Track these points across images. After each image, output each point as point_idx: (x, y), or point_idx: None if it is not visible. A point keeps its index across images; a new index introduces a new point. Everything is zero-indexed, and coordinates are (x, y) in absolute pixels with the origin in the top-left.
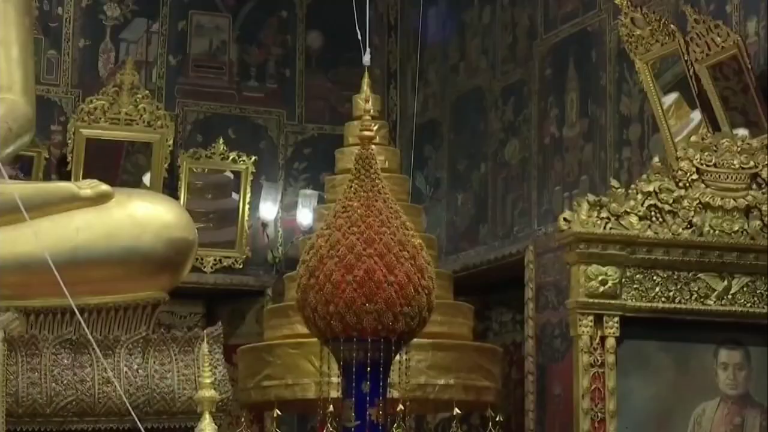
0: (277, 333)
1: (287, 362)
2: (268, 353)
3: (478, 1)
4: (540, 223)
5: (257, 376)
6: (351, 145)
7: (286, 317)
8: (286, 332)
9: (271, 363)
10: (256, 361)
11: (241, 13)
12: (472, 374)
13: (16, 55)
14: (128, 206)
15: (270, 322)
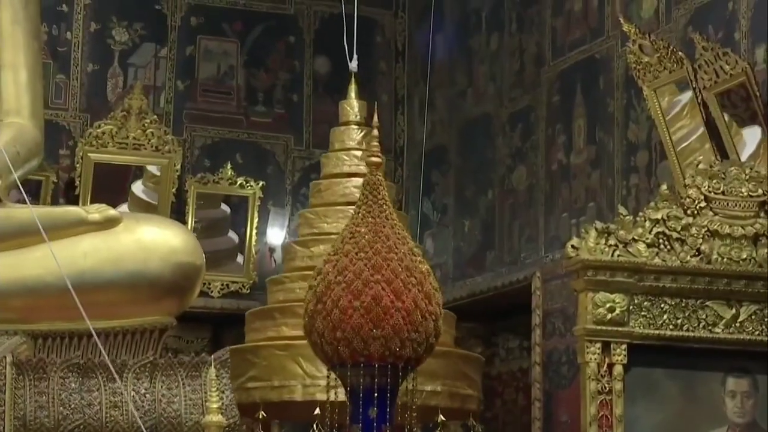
0: (261, 335)
1: (273, 364)
2: (254, 355)
3: (486, 28)
4: (547, 250)
5: (241, 378)
6: (336, 150)
7: (271, 319)
8: (271, 334)
9: (257, 364)
10: (241, 362)
11: (249, 38)
12: (457, 382)
13: (25, 79)
14: (136, 231)
15: (253, 324)
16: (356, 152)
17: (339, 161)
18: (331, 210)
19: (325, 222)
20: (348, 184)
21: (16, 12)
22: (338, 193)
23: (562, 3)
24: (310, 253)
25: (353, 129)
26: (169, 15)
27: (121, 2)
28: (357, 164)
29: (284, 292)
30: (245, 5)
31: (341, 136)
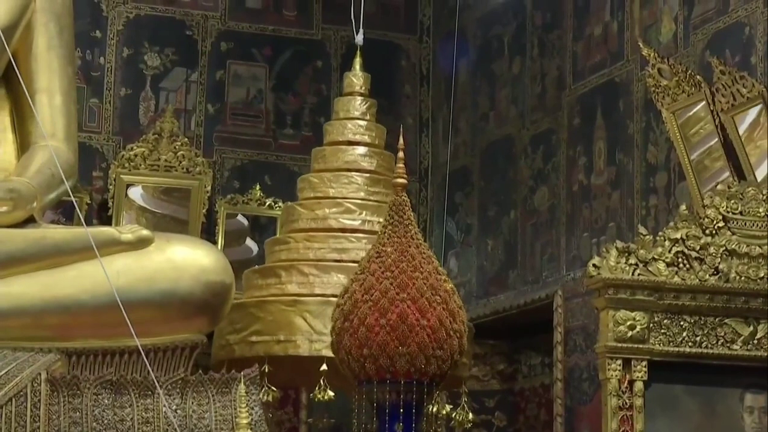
0: (264, 292)
1: (279, 319)
2: (259, 309)
3: (508, 52)
4: (568, 269)
5: (243, 332)
6: (341, 119)
7: (275, 277)
8: (275, 291)
9: (262, 319)
10: (244, 316)
11: (278, 63)
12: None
13: (59, 103)
14: (167, 251)
15: (254, 281)
16: (359, 121)
17: (343, 129)
18: (336, 175)
19: (331, 187)
20: (353, 152)
21: (51, 38)
22: (342, 159)
23: (582, 28)
24: (314, 216)
25: (357, 99)
26: (200, 40)
27: (153, 28)
28: (362, 133)
29: (287, 252)
30: (274, 31)
31: (346, 105)
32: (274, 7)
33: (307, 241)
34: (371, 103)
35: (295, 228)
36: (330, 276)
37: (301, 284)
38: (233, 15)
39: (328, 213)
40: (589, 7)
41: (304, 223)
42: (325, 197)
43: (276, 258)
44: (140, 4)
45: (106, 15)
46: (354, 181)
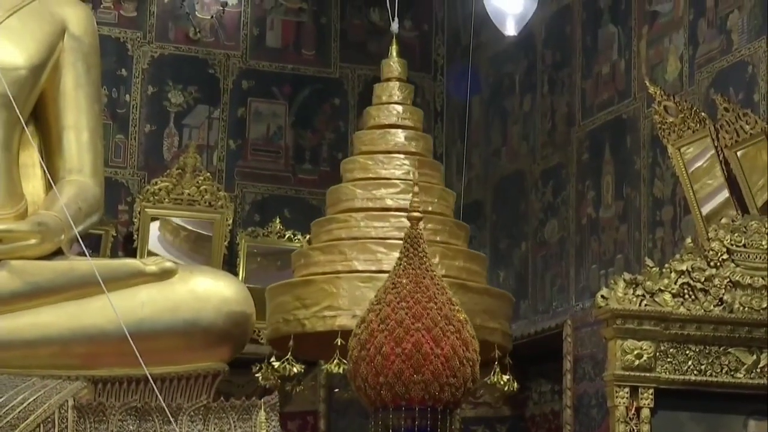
0: (327, 268)
1: (354, 294)
2: (332, 285)
3: (520, 90)
4: (577, 299)
5: (314, 307)
6: (383, 103)
7: (341, 254)
8: (341, 268)
9: (335, 294)
10: (315, 292)
11: (297, 100)
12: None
13: (87, 139)
14: (190, 282)
15: (313, 258)
16: (397, 106)
17: (388, 113)
18: (388, 157)
19: (383, 168)
20: (399, 133)
21: (78, 77)
22: (390, 141)
23: (591, 66)
24: (371, 195)
25: (395, 84)
26: (222, 78)
27: (177, 67)
28: (402, 117)
29: (347, 230)
30: (293, 69)
31: (386, 90)
32: (293, 47)
33: (368, 219)
34: (410, 88)
35: (350, 207)
36: (396, 254)
37: (368, 261)
38: (254, 54)
39: (385, 193)
40: (597, 47)
41: (361, 203)
42: (379, 177)
43: (334, 236)
44: (164, 43)
45: (132, 54)
46: (404, 162)
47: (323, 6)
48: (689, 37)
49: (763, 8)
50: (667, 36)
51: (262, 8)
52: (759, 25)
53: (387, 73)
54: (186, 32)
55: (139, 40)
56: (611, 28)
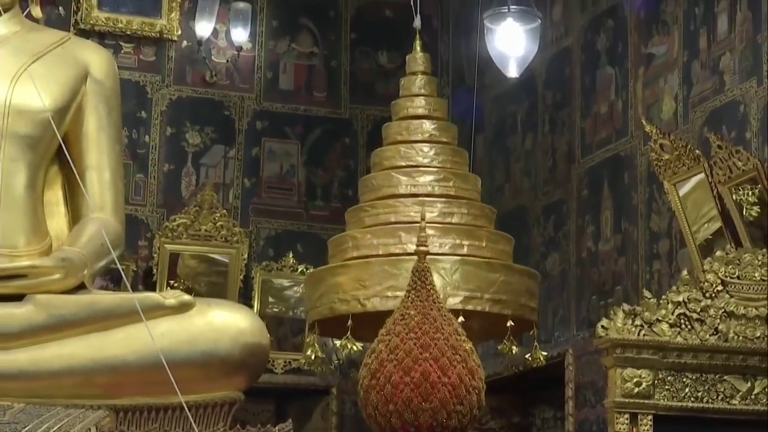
0: (381, 251)
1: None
2: (393, 266)
3: (522, 129)
4: (578, 329)
5: (375, 287)
6: (410, 95)
7: (395, 237)
8: (396, 251)
9: (397, 275)
10: (375, 273)
11: (309, 139)
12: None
13: (108, 178)
14: (207, 314)
15: (362, 241)
16: (421, 99)
17: (413, 104)
18: (423, 146)
19: (420, 156)
20: (427, 124)
21: (100, 119)
22: (421, 131)
23: (590, 106)
24: (414, 182)
25: (420, 77)
26: (237, 120)
27: (194, 109)
28: (426, 108)
29: (395, 215)
30: (305, 110)
31: (412, 83)
32: (305, 89)
33: (416, 205)
34: (434, 81)
35: (394, 193)
36: (447, 238)
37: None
38: (268, 96)
39: (428, 180)
40: (595, 87)
41: (404, 189)
42: (419, 165)
43: (382, 220)
44: (182, 86)
45: (151, 97)
46: (439, 151)
47: (334, 50)
48: (683, 78)
49: (754, 50)
50: (662, 77)
51: (275, 53)
52: (750, 66)
53: (412, 67)
54: (203, 76)
55: (158, 83)
56: (609, 69)
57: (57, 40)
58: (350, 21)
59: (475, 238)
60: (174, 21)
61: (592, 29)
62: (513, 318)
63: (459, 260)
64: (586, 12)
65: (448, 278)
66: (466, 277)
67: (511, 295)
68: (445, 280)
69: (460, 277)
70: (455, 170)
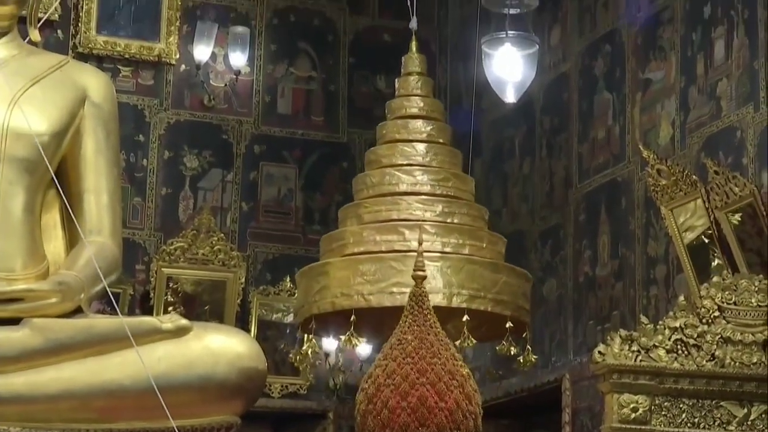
0: (383, 248)
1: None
2: (400, 263)
3: (519, 154)
4: (575, 354)
5: (381, 283)
6: (405, 95)
7: (396, 234)
8: (399, 247)
9: (404, 272)
10: (381, 269)
11: (307, 164)
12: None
13: (106, 202)
14: (205, 339)
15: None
16: (416, 98)
17: (410, 103)
18: (421, 145)
19: (419, 155)
20: (423, 124)
21: (98, 142)
22: (418, 131)
23: (587, 131)
24: (415, 180)
25: (415, 77)
26: (235, 144)
27: (192, 132)
28: (421, 107)
29: (398, 212)
30: (303, 134)
31: (407, 83)
32: (303, 113)
33: (418, 203)
34: (429, 81)
35: (395, 191)
36: (451, 237)
37: (425, 243)
38: (266, 120)
39: (429, 179)
40: (593, 113)
41: (405, 187)
42: (415, 164)
43: (384, 217)
44: (180, 110)
45: (149, 120)
46: (437, 151)
47: (332, 74)
48: (680, 104)
49: (751, 76)
50: (660, 102)
51: (274, 77)
52: (746, 92)
53: (408, 67)
54: (201, 99)
55: (156, 107)
56: (606, 94)
57: (55, 63)
58: (348, 45)
59: (477, 238)
60: (172, 45)
61: (589, 55)
62: (511, 319)
63: (465, 259)
64: (584, 37)
65: (454, 277)
66: (471, 276)
67: (511, 296)
68: (450, 279)
69: (465, 276)
70: (454, 170)
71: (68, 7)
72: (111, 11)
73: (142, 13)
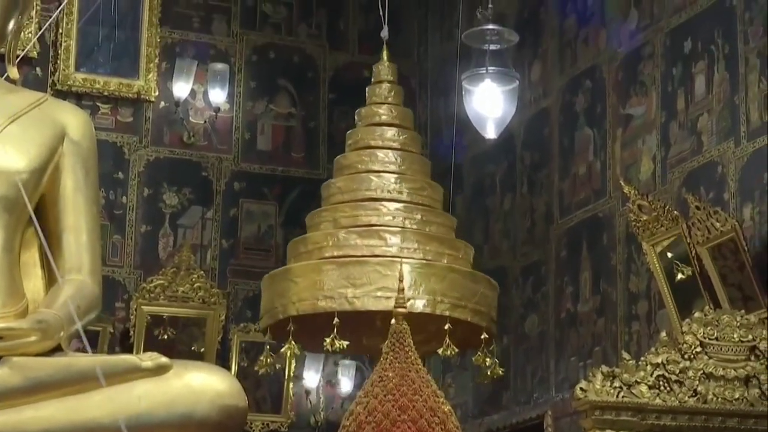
0: (366, 252)
1: (408, 278)
2: (386, 267)
3: (500, 190)
4: (557, 390)
5: (366, 286)
6: (375, 103)
7: (378, 239)
8: (379, 252)
9: (389, 277)
10: (367, 273)
11: (287, 200)
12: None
13: (85, 240)
14: (185, 377)
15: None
16: (388, 106)
17: (378, 112)
18: (394, 153)
19: (393, 163)
20: (392, 131)
21: (78, 180)
22: (389, 138)
23: (568, 167)
24: (392, 187)
25: (386, 86)
26: (215, 181)
27: (171, 170)
28: (392, 116)
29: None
30: (283, 171)
31: (376, 92)
32: (283, 150)
33: (401, 210)
34: (399, 90)
35: (374, 197)
36: (431, 245)
37: (407, 249)
38: (245, 157)
39: (407, 187)
40: (574, 148)
41: (383, 193)
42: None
43: (364, 221)
44: (159, 147)
45: (128, 158)
46: (413, 160)
47: (312, 111)
48: (661, 139)
49: (731, 111)
50: (641, 138)
51: (253, 113)
52: (727, 127)
53: (377, 76)
54: (180, 136)
55: (136, 144)
56: (587, 130)
57: (34, 101)
58: (328, 81)
59: (454, 248)
60: (151, 82)
61: (570, 90)
62: (485, 330)
63: (447, 268)
64: (565, 73)
65: (437, 285)
66: (453, 285)
67: (487, 308)
68: (434, 286)
69: (448, 285)
70: (427, 180)
71: (47, 44)
72: (90, 48)
73: (121, 50)
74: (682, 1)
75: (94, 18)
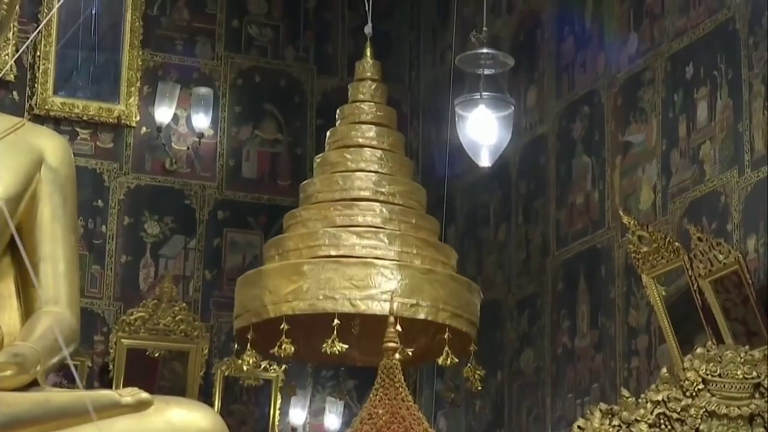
0: (365, 253)
1: (413, 284)
2: (391, 271)
3: (494, 220)
4: (554, 429)
5: (370, 289)
6: (357, 101)
7: (376, 239)
8: (379, 254)
9: (393, 280)
10: (374, 275)
11: (273, 229)
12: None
13: (63, 270)
14: (166, 413)
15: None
16: (369, 103)
17: (359, 110)
18: (377, 152)
19: (378, 164)
20: (377, 130)
21: (55, 208)
22: (375, 137)
23: (565, 196)
24: (385, 189)
25: (368, 83)
26: (198, 209)
27: (153, 197)
28: (375, 113)
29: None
30: (269, 200)
31: (359, 89)
32: (269, 177)
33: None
34: (382, 87)
35: (368, 197)
36: (427, 251)
37: (407, 254)
38: (230, 185)
39: (397, 190)
40: (571, 177)
41: (378, 194)
42: (386, 173)
43: (360, 221)
44: (140, 174)
45: (108, 185)
46: (398, 160)
47: (299, 137)
48: (662, 168)
49: (735, 139)
50: (641, 166)
51: (238, 139)
52: (730, 155)
53: (360, 73)
54: (162, 163)
55: (116, 171)
56: (585, 158)
57: (10, 126)
58: (316, 106)
59: (444, 255)
60: (133, 106)
61: (567, 116)
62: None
63: (448, 275)
64: (561, 99)
65: (440, 291)
66: (453, 294)
67: (476, 318)
68: (437, 293)
69: (449, 293)
70: (413, 181)
71: (24, 67)
72: (69, 72)
73: (101, 74)
74: (683, 25)
75: (73, 40)
